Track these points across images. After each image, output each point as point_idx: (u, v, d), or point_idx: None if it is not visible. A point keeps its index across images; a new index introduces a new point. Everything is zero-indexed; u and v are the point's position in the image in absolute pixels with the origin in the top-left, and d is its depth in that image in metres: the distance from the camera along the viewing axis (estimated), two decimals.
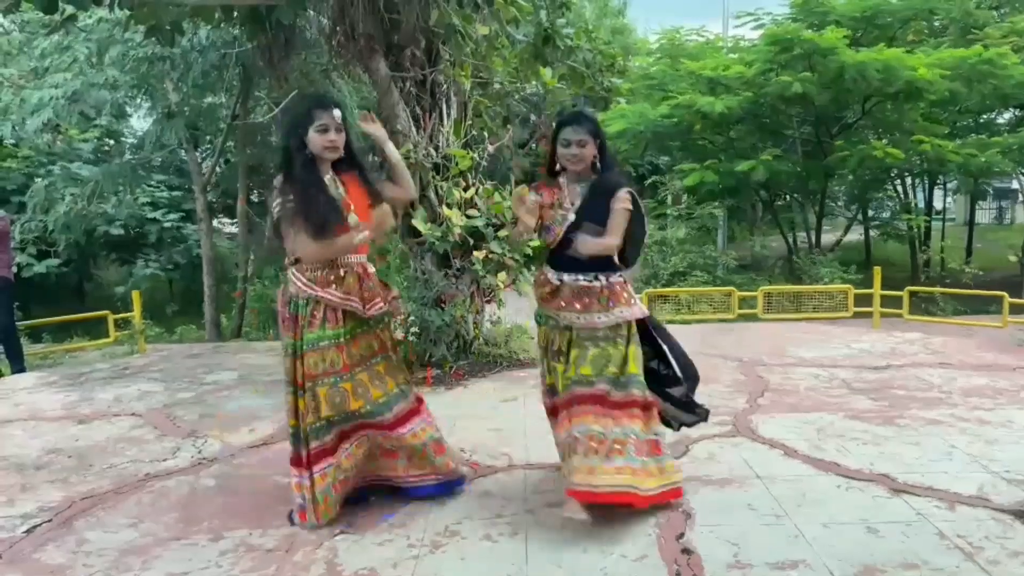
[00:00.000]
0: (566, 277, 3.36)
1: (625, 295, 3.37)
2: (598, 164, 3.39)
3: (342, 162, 3.34)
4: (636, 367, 3.35)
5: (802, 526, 3.20)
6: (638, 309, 3.38)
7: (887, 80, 11.47)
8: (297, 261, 3.26)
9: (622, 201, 3.29)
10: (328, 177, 3.28)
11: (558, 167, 3.44)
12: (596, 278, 3.33)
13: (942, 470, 3.80)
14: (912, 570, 2.83)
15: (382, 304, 3.39)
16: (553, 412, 3.58)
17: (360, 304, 3.27)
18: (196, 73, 9.70)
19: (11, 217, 9.42)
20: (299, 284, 3.22)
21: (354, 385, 3.29)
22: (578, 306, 3.33)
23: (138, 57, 9.31)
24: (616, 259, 3.37)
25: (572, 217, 3.35)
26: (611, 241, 3.28)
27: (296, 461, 3.32)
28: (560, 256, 3.38)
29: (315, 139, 3.19)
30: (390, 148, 3.54)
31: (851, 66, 11.37)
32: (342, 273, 3.26)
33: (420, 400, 3.58)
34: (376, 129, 3.49)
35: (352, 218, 3.26)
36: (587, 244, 3.22)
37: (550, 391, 3.57)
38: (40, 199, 11.40)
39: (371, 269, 3.42)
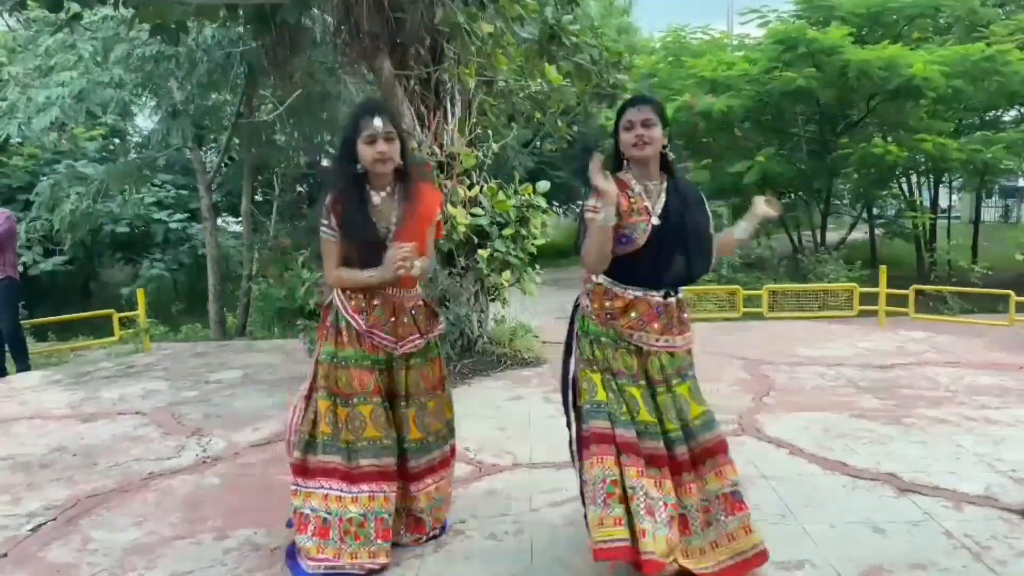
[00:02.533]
0: (639, 293, 2.83)
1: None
2: (669, 156, 2.90)
3: (406, 173, 3.07)
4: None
5: (808, 526, 3.19)
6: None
7: (888, 78, 11.44)
8: None
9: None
10: (385, 193, 3.01)
11: (624, 161, 2.90)
12: (670, 294, 2.88)
13: (949, 470, 3.79)
14: (919, 570, 2.82)
15: (419, 342, 3.10)
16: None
17: (391, 340, 3.03)
18: (201, 72, 9.70)
19: (17, 215, 9.43)
20: (337, 301, 3.05)
21: (374, 409, 3.01)
22: (656, 326, 2.85)
23: (144, 56, 9.31)
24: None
25: (656, 222, 2.78)
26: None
27: (301, 471, 3.07)
28: (636, 269, 2.82)
29: (364, 152, 2.91)
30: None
31: (855, 64, 11.35)
32: (375, 303, 3.01)
33: (453, 450, 3.33)
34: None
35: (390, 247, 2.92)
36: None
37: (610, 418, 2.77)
38: (46, 198, 11.42)
39: (412, 303, 3.11)
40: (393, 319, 3.04)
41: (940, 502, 3.40)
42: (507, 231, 6.22)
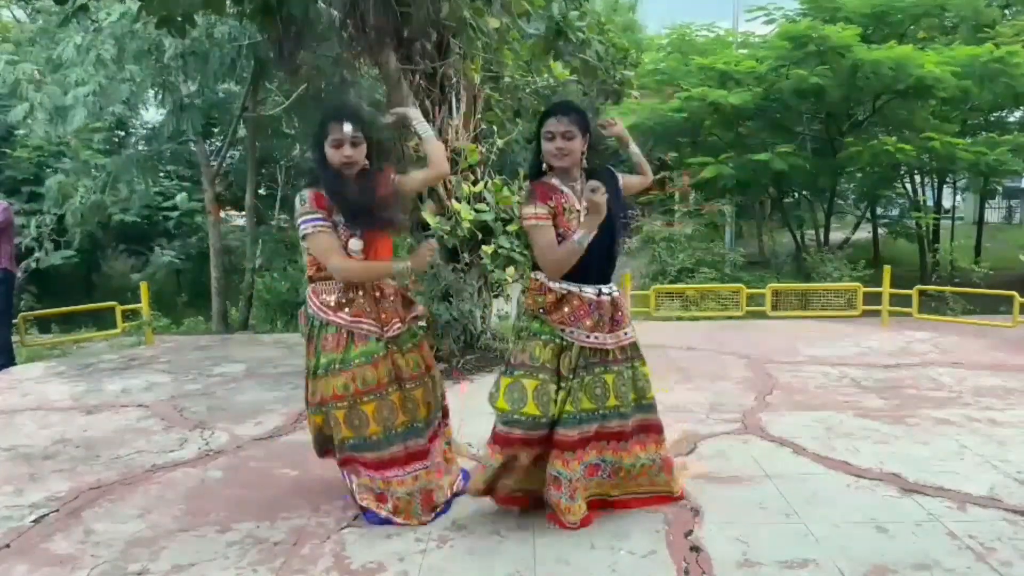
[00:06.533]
0: (573, 287, 3.07)
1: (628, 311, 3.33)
2: (585, 165, 3.12)
3: (368, 174, 3.20)
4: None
5: (812, 525, 3.18)
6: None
7: (898, 77, 11.41)
8: (311, 280, 3.21)
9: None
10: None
11: (544, 167, 3.11)
12: (603, 292, 3.12)
13: (953, 470, 3.78)
14: (923, 571, 2.81)
15: (400, 325, 3.26)
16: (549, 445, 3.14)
17: (376, 326, 3.17)
18: (215, 67, 9.71)
19: (17, 205, 9.37)
20: (314, 306, 3.18)
21: (379, 404, 3.18)
22: (588, 323, 3.06)
23: (173, 55, 9.33)
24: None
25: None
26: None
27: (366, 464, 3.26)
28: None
29: (331, 154, 3.09)
30: (423, 126, 3.52)
31: (865, 63, 11.32)
32: (359, 294, 3.16)
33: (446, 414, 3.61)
34: (409, 111, 3.61)
35: (355, 243, 3.10)
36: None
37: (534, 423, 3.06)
38: (54, 193, 11.43)
39: (388, 289, 3.28)
40: (376, 306, 3.20)
41: (944, 503, 3.39)
42: (511, 227, 6.20)
